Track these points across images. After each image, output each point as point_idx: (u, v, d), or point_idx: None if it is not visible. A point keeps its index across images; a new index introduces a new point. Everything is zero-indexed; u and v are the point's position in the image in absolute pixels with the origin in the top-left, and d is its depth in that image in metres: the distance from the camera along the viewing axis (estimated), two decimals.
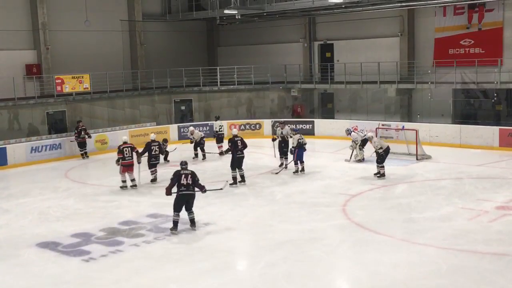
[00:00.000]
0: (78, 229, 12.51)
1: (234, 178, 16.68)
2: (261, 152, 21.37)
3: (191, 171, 12.25)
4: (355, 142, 19.72)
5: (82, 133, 21.76)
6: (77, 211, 14.18)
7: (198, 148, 21.04)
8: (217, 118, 23.32)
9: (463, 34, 24.26)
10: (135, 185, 16.66)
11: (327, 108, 28.69)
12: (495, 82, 22.53)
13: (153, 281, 9.83)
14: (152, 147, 17.36)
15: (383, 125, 21.94)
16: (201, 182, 12.45)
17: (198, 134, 21.04)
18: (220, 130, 22.47)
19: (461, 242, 11.26)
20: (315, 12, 27.66)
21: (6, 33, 24.57)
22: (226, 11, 26.40)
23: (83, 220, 12.73)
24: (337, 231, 12.26)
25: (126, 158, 16.33)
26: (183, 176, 12.10)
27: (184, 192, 12.12)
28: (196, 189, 12.31)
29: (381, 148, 17.04)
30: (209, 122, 26.20)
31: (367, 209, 13.90)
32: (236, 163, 16.68)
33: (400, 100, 25.77)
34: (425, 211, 13.53)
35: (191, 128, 21.38)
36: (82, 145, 21.97)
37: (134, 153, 16.48)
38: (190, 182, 12.07)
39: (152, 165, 17.40)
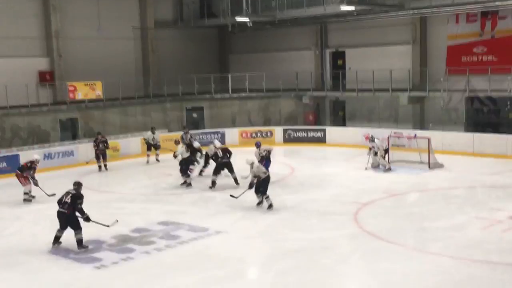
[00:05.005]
0: (90, 236, 12.50)
1: (213, 182, 17.43)
2: (272, 159, 21.28)
3: (75, 192, 12.03)
4: (375, 149, 19.43)
5: (100, 145, 21.07)
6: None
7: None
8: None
9: (476, 42, 24.12)
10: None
11: (339, 115, 28.63)
12: (509, 90, 22.37)
13: None
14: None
15: (395, 133, 21.84)
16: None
17: (180, 150, 18.40)
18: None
19: (474, 252, 11.15)
20: (327, 20, 27.66)
21: (20, 40, 24.79)
22: (237, 19, 26.45)
23: (95, 227, 12.71)
24: (348, 240, 12.20)
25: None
26: (65, 194, 12.10)
27: (59, 209, 12.02)
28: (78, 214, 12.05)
29: (264, 173, 14.80)
30: (220, 130, 26.22)
31: (379, 218, 13.82)
32: (220, 168, 17.59)
33: (412, 108, 25.64)
34: (437, 220, 13.43)
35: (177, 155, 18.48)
36: (98, 156, 21.12)
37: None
38: (68, 201, 11.88)
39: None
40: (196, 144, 19.64)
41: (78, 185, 12.25)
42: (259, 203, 14.95)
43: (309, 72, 28.36)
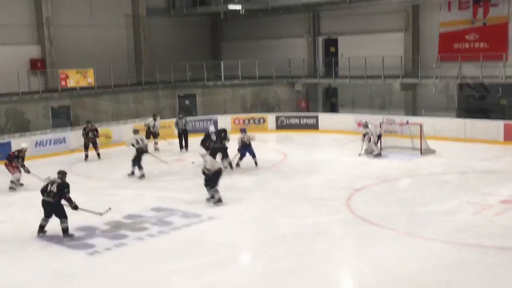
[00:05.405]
0: (83, 223, 12.51)
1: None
2: (264, 146, 21.36)
3: (61, 181, 11.91)
4: (369, 135, 19.39)
5: (90, 134, 20.72)
6: (81, 205, 14.13)
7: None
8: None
9: (468, 29, 24.16)
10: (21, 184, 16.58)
11: (331, 102, 28.65)
12: (500, 77, 22.45)
13: (157, 275, 9.86)
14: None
15: (387, 119, 21.90)
16: None
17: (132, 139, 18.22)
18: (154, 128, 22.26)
19: (465, 236, 11.24)
20: (320, 7, 27.59)
21: (11, 27, 24.60)
22: (230, 6, 26.33)
23: (87, 213, 12.68)
24: (341, 225, 12.25)
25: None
26: (50, 183, 11.95)
27: (43, 198, 11.92)
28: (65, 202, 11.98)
29: (208, 170, 14.16)
30: (213, 116, 26.19)
31: (371, 203, 13.88)
32: (214, 153, 17.27)
33: (404, 95, 25.69)
34: (429, 205, 13.50)
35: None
36: (87, 146, 20.71)
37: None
38: (54, 190, 11.78)
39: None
40: (211, 128, 18.98)
41: (62, 174, 12.13)
42: (210, 198, 14.23)
43: (302, 59, 28.32)
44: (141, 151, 17.63)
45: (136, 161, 17.51)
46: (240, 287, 9.32)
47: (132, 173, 17.64)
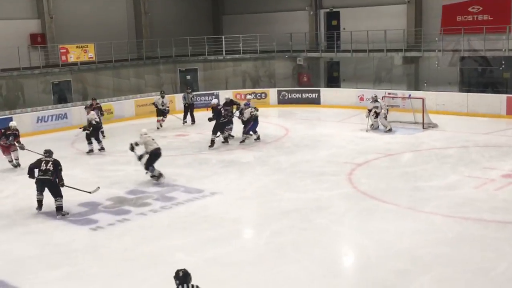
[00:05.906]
0: (85, 198, 12.55)
1: (212, 141, 17.68)
2: (266, 121, 21.31)
3: (54, 159, 11.96)
4: (379, 109, 19.26)
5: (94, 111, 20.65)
6: (83, 181, 14.16)
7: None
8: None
9: (471, 1, 23.91)
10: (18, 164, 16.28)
11: (333, 76, 28.51)
12: (503, 50, 22.29)
13: (160, 250, 9.91)
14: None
15: (389, 93, 21.83)
16: None
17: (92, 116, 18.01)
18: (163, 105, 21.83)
19: (467, 210, 11.27)
20: None
21: (10, 2, 24.39)
22: None
23: (90, 189, 12.69)
24: (343, 200, 12.28)
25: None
26: (43, 162, 11.95)
27: (40, 177, 11.90)
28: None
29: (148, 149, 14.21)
30: (215, 91, 26.11)
31: (373, 177, 13.90)
32: (219, 128, 17.80)
33: (407, 68, 25.55)
34: (431, 179, 13.52)
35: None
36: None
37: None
38: (51, 168, 11.80)
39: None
40: (214, 101, 19.04)
41: (50, 152, 12.22)
42: (151, 176, 14.12)
43: (303, 33, 28.09)
44: (98, 127, 18.15)
45: (96, 136, 17.79)
46: (243, 261, 9.36)
47: (95, 149, 17.75)
